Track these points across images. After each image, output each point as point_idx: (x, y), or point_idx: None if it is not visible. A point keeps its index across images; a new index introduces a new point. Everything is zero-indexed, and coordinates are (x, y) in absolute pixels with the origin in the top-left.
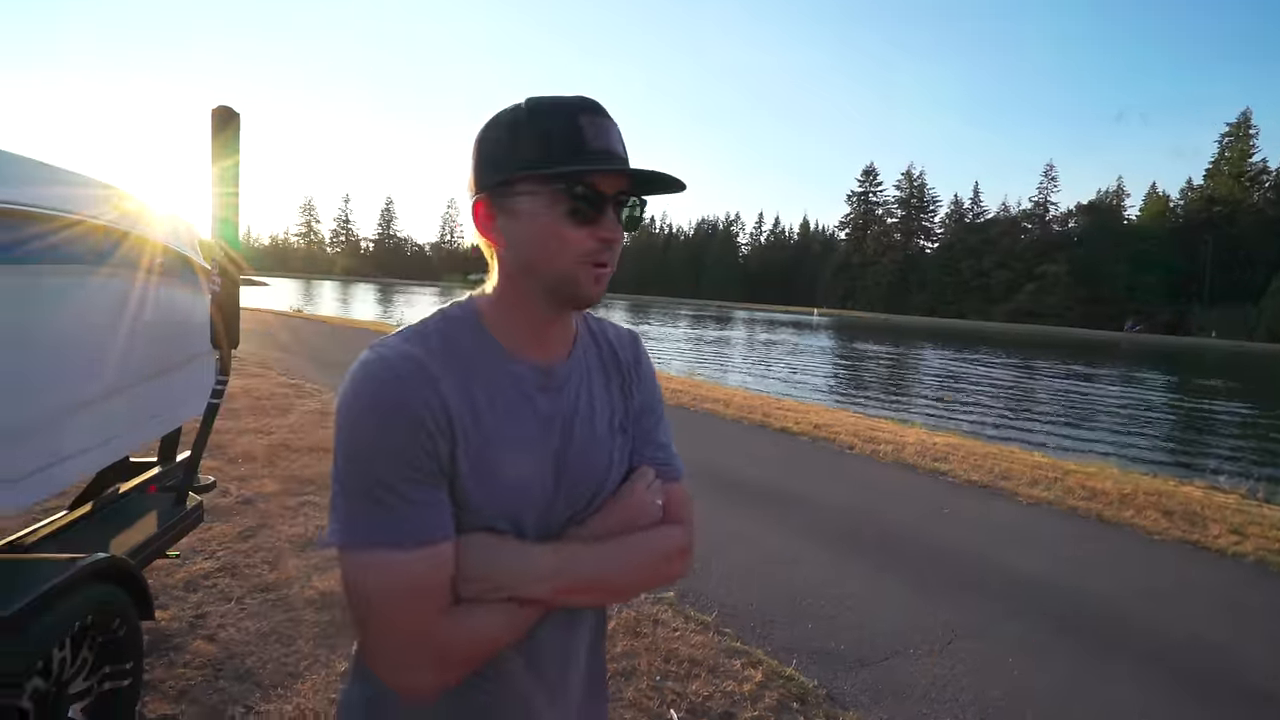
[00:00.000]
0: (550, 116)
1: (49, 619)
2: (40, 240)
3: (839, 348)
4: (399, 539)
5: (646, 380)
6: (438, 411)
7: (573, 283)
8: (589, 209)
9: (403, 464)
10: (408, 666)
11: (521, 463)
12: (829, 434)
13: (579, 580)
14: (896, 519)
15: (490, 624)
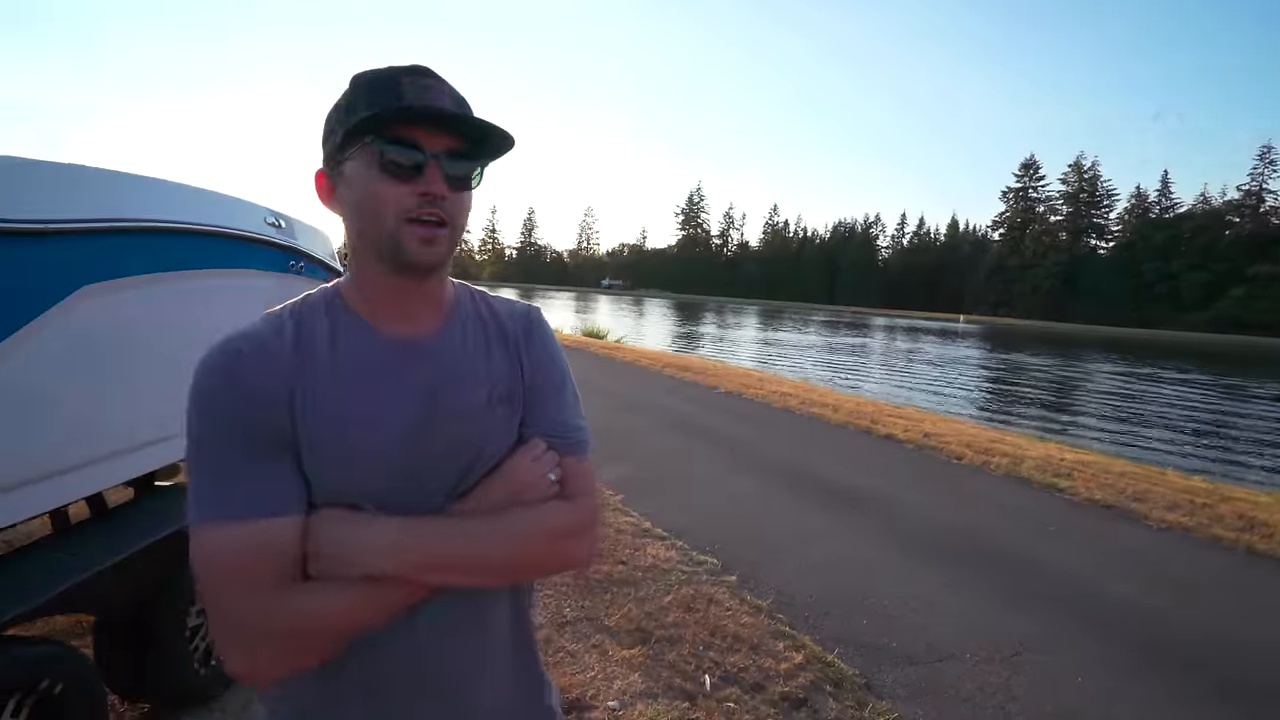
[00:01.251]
0: (372, 83)
1: None
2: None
3: (986, 359)
4: (227, 513)
5: (540, 353)
6: (273, 386)
7: (397, 243)
8: (404, 164)
9: (234, 439)
10: (238, 647)
11: (370, 436)
12: (938, 443)
13: (437, 555)
14: (991, 532)
15: (332, 603)
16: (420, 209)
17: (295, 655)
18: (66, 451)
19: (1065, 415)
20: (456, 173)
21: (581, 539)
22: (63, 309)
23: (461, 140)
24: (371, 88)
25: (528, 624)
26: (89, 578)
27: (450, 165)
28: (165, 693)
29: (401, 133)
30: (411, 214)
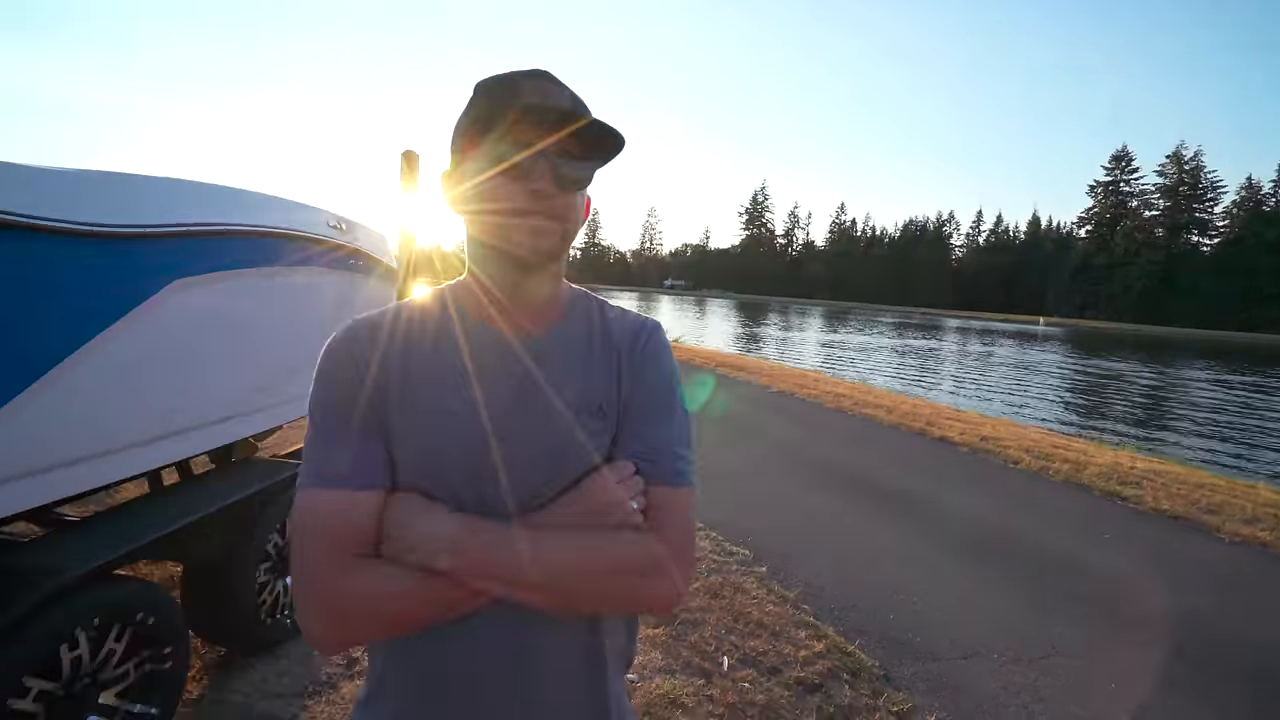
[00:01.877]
0: (492, 86)
1: (286, 498)
2: (292, 252)
3: (1068, 364)
4: (322, 480)
5: (645, 370)
6: (374, 369)
7: (507, 237)
8: (517, 163)
9: (336, 414)
10: (304, 609)
11: (454, 431)
12: (996, 447)
13: (493, 562)
14: (1039, 536)
15: (390, 585)
16: (529, 204)
17: (351, 627)
18: (161, 421)
19: (1154, 427)
20: (567, 173)
21: (657, 578)
22: (158, 299)
23: (574, 142)
24: (491, 91)
25: (604, 672)
26: (177, 530)
27: (561, 165)
28: (237, 639)
29: (514, 132)
30: (521, 210)
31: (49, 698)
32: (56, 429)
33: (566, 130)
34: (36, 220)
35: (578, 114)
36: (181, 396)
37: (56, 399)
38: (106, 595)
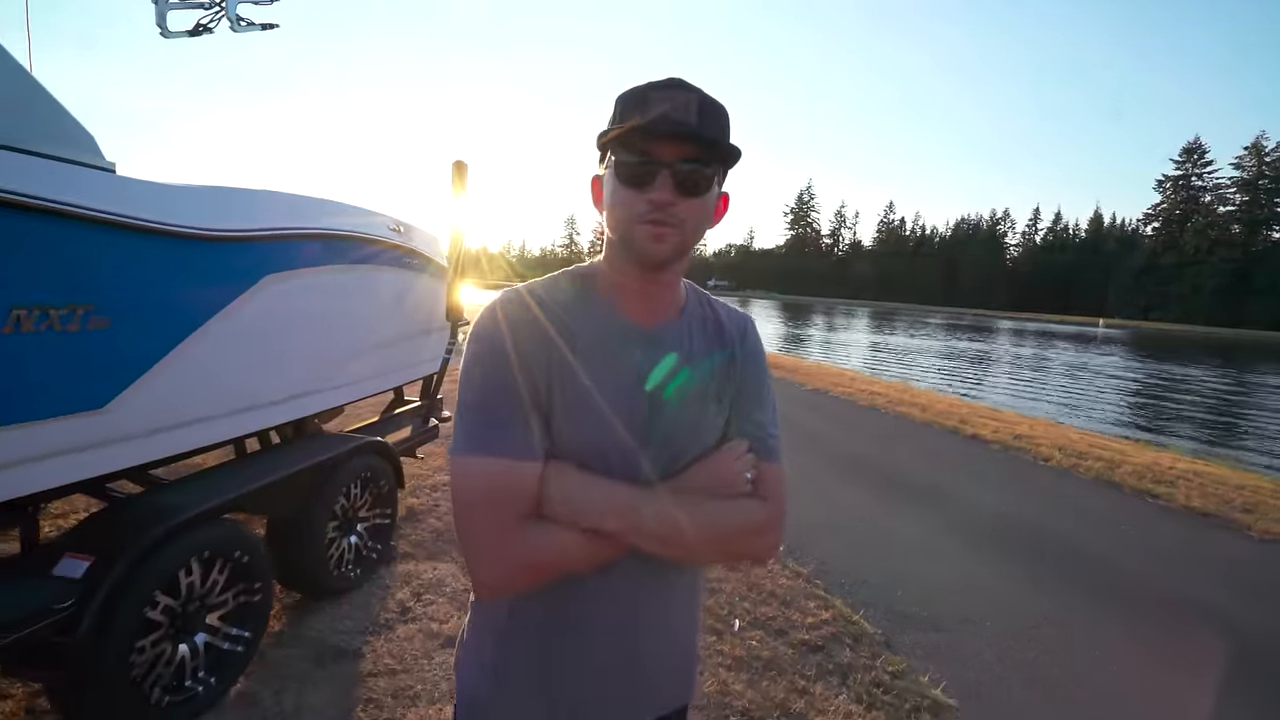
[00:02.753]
0: (626, 100)
1: (357, 462)
2: (361, 251)
3: (1128, 369)
4: (489, 450)
5: (752, 361)
6: (535, 349)
7: (632, 241)
8: (636, 173)
9: (499, 387)
10: (478, 562)
11: (609, 407)
12: (1028, 445)
13: (658, 524)
14: (1058, 527)
15: (556, 543)
16: (651, 214)
17: (519, 579)
18: (252, 394)
19: (1218, 433)
20: (688, 179)
21: (766, 536)
22: (256, 289)
23: (696, 148)
24: (625, 104)
25: (695, 611)
26: (265, 486)
27: (682, 172)
28: (309, 586)
29: (638, 146)
30: (643, 217)
31: (171, 612)
32: (183, 394)
33: (688, 140)
34: (173, 227)
35: (701, 125)
36: (269, 374)
37: (183, 368)
38: (214, 534)
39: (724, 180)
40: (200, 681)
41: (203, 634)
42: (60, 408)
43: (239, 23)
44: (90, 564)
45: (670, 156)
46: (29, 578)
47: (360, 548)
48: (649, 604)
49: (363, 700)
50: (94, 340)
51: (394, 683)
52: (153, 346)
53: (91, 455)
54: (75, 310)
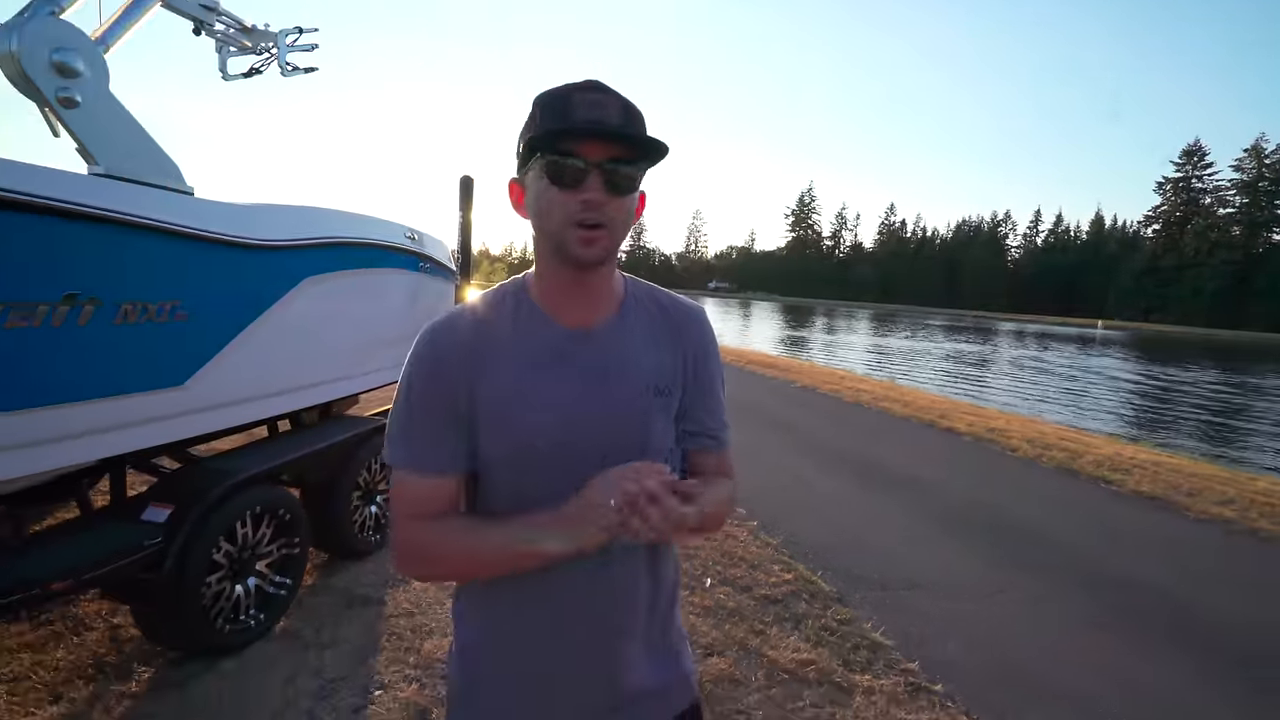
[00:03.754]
0: (547, 102)
1: (377, 440)
2: (382, 256)
3: (1123, 370)
4: (411, 464)
5: (703, 351)
6: (458, 363)
7: (564, 243)
8: (567, 174)
9: (425, 403)
10: (399, 557)
11: (536, 414)
12: (1000, 438)
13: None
14: (1013, 509)
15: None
16: (583, 214)
17: (424, 572)
18: (292, 378)
19: (1200, 433)
20: (617, 179)
21: (730, 510)
22: (297, 290)
23: (623, 148)
24: (546, 106)
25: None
26: (301, 457)
27: (611, 172)
28: (337, 546)
29: (566, 147)
30: (575, 218)
31: (230, 557)
32: (240, 376)
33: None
34: (235, 238)
35: (627, 125)
36: (306, 361)
37: (241, 354)
38: (264, 494)
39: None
40: (252, 617)
41: (253, 578)
42: (151, 384)
43: (286, 68)
44: (171, 511)
45: (600, 156)
46: (123, 521)
47: (379, 516)
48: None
49: (386, 633)
50: (178, 330)
51: (412, 621)
52: (220, 335)
53: (172, 423)
54: (165, 305)
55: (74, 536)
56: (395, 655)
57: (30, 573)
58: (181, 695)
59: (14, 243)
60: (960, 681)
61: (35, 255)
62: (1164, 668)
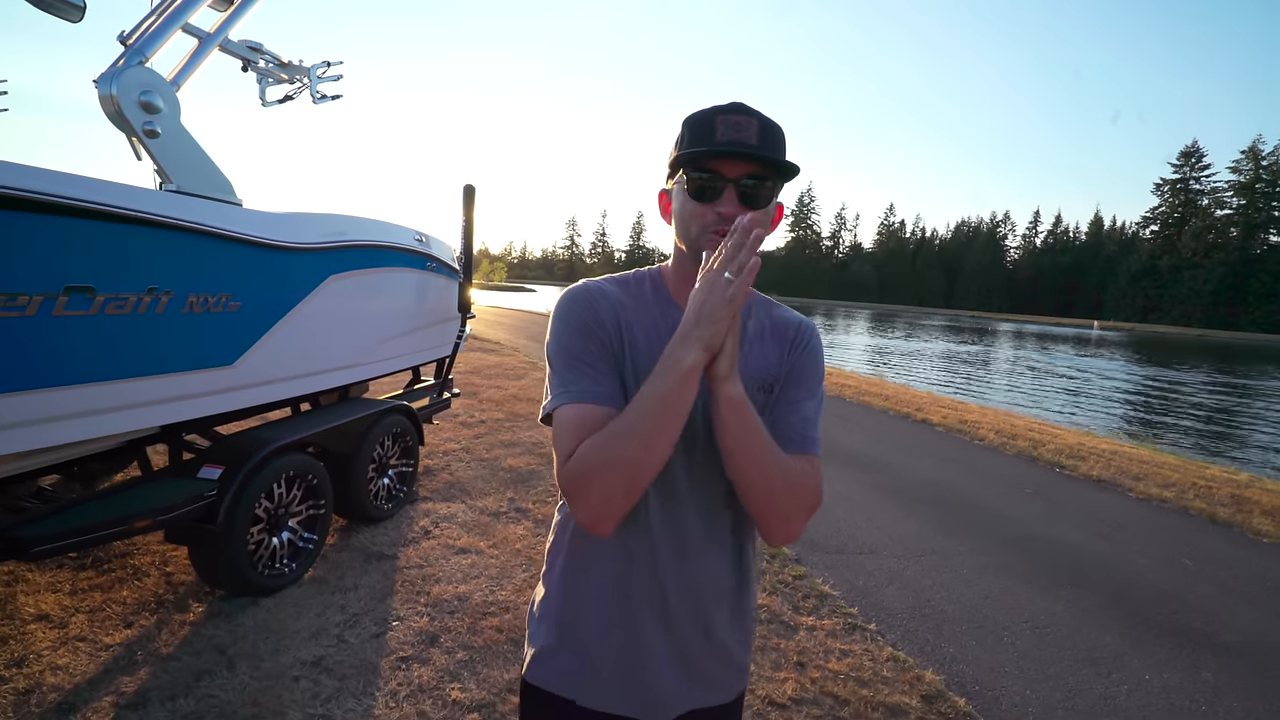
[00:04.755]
0: (695, 123)
1: (390, 420)
2: (394, 257)
3: (1110, 369)
4: (577, 397)
5: (804, 358)
6: (612, 321)
7: (699, 248)
8: (706, 189)
9: (580, 344)
10: (572, 496)
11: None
12: (969, 428)
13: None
14: (970, 490)
15: (620, 425)
16: (718, 224)
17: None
18: (317, 362)
19: (1178, 430)
20: (749, 194)
21: (808, 517)
22: (323, 286)
23: (758, 166)
24: (693, 127)
25: (745, 576)
26: (325, 430)
27: (746, 188)
28: (354, 511)
29: (707, 165)
30: (711, 228)
31: (269, 512)
32: (277, 358)
33: (748, 164)
34: (276, 241)
35: (762, 146)
36: (329, 348)
37: (278, 340)
38: (294, 460)
39: (780, 193)
40: (285, 565)
41: (286, 532)
42: (209, 363)
43: (316, 95)
44: (222, 471)
45: (735, 174)
46: (184, 478)
47: (391, 488)
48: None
49: (400, 581)
50: (231, 318)
51: (422, 572)
52: (263, 323)
53: (223, 397)
54: (222, 298)
55: (147, 488)
56: (408, 597)
57: (120, 513)
58: (230, 622)
59: (113, 246)
60: (890, 622)
61: (129, 255)
62: (1060, 605)
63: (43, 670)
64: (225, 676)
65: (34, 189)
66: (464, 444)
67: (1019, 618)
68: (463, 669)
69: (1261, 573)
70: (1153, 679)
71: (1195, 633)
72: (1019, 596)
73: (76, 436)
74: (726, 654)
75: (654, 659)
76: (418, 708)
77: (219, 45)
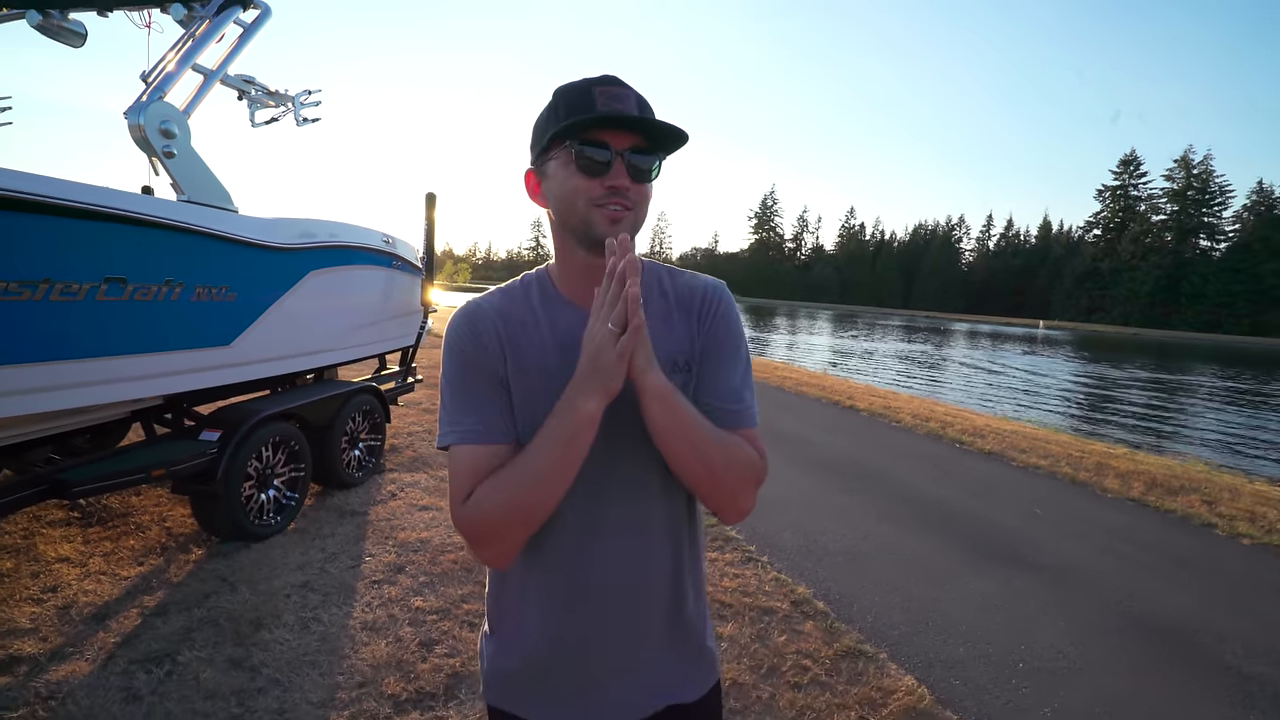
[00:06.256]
0: (569, 93)
1: (361, 398)
2: (364, 256)
3: (1039, 365)
4: (469, 438)
5: (716, 325)
6: (494, 342)
7: (589, 224)
8: (593, 161)
9: (468, 380)
10: (467, 539)
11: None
12: (891, 413)
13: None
14: (877, 461)
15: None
16: (608, 198)
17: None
18: (298, 346)
19: (1097, 418)
20: (639, 166)
21: (755, 490)
22: (304, 281)
23: (643, 138)
24: (570, 98)
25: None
26: (305, 404)
27: (633, 160)
28: (328, 478)
29: (593, 136)
30: (600, 201)
31: (259, 471)
32: (266, 342)
33: (637, 131)
34: (266, 242)
35: (643, 116)
36: (308, 335)
37: (267, 326)
38: (278, 428)
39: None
40: (272, 518)
41: (272, 490)
42: (211, 342)
43: (300, 119)
44: (221, 434)
45: (623, 145)
46: (187, 439)
47: (361, 459)
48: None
49: (370, 530)
50: (229, 306)
51: (390, 524)
52: (255, 311)
53: (221, 372)
54: (223, 289)
55: (159, 445)
56: (378, 540)
57: (141, 463)
58: (228, 560)
59: (140, 246)
60: (780, 556)
61: (153, 254)
62: (924, 544)
63: (75, 594)
64: (229, 595)
65: (82, 200)
66: (426, 426)
67: (887, 553)
68: (424, 588)
69: (1093, 518)
70: (974, 589)
71: (1021, 559)
72: (892, 539)
73: (115, 398)
74: (681, 648)
75: (603, 667)
76: (389, 612)
77: (220, 79)
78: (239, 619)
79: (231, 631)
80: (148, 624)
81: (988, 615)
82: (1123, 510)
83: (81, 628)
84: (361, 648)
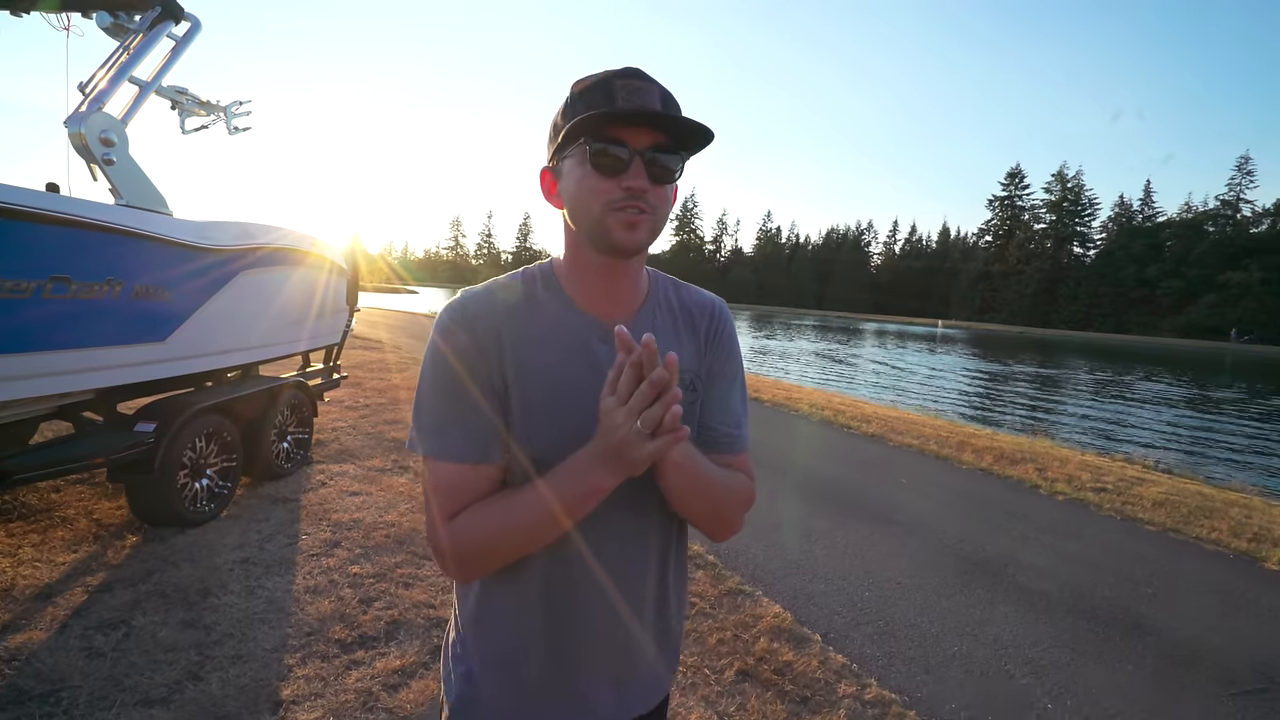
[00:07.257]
0: (588, 88)
1: (290, 393)
2: (292, 257)
3: (940, 363)
4: (437, 454)
5: (723, 346)
6: (493, 343)
7: (604, 229)
8: (611, 160)
9: (452, 391)
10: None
11: (570, 405)
12: (792, 404)
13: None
14: (773, 444)
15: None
16: (625, 201)
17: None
18: (226, 343)
19: (979, 405)
20: (659, 166)
21: (744, 511)
22: (234, 282)
23: (665, 136)
24: (587, 93)
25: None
26: (236, 398)
27: (654, 160)
28: (262, 471)
29: (610, 133)
30: (617, 204)
31: (193, 461)
32: (198, 339)
33: (659, 128)
34: (199, 244)
35: (668, 112)
36: (238, 333)
37: (198, 324)
38: (212, 420)
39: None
40: (205, 505)
41: (205, 479)
42: (147, 338)
43: (232, 128)
44: (155, 425)
45: (642, 144)
46: (124, 429)
47: (290, 451)
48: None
49: (304, 513)
50: (164, 305)
51: (322, 508)
52: (187, 309)
53: (157, 366)
54: (161, 289)
55: (96, 436)
56: (312, 522)
57: (80, 452)
58: (166, 544)
59: (84, 247)
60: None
61: (95, 254)
62: (805, 509)
63: (13, 578)
64: (173, 571)
65: (31, 205)
66: (351, 423)
67: (771, 519)
68: (360, 558)
69: (949, 485)
70: (838, 540)
71: (882, 517)
72: (779, 506)
73: (58, 389)
74: (655, 662)
75: (586, 681)
76: (329, 578)
77: (155, 90)
78: (186, 589)
79: (180, 600)
80: (95, 599)
81: (848, 560)
82: (972, 478)
83: (28, 605)
84: (307, 606)
